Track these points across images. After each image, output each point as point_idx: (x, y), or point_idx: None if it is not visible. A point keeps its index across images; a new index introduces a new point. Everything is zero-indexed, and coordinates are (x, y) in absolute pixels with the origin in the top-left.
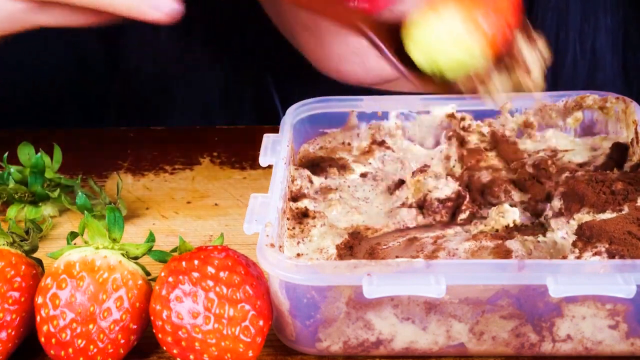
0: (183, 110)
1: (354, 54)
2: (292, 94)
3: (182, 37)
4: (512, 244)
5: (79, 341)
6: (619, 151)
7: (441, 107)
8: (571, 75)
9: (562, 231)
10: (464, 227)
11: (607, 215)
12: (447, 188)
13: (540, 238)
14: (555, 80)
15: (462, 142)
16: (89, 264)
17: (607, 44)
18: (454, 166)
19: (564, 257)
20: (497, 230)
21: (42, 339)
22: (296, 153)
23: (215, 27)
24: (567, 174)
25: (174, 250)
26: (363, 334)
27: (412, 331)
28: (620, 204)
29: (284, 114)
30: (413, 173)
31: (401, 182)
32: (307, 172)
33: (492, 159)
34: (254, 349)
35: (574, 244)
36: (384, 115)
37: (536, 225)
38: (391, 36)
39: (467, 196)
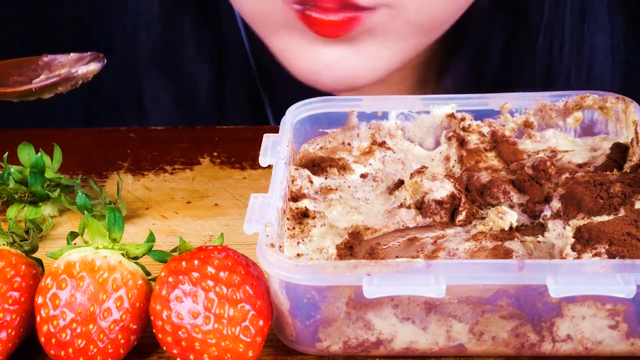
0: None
1: (325, 67)
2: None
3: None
4: (513, 244)
5: (79, 341)
6: (619, 152)
7: (441, 107)
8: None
9: (560, 233)
10: (464, 227)
11: (604, 218)
12: (443, 190)
13: (541, 238)
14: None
15: (462, 143)
16: (89, 264)
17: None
18: (453, 166)
19: (564, 258)
20: (497, 231)
21: (42, 339)
22: (296, 153)
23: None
24: (566, 174)
25: (174, 250)
26: (363, 334)
27: (412, 331)
28: (616, 209)
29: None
30: (411, 175)
31: (401, 182)
32: (307, 172)
33: (491, 159)
34: (254, 349)
35: (573, 247)
36: (384, 115)
37: (536, 225)
38: None
39: (463, 198)
